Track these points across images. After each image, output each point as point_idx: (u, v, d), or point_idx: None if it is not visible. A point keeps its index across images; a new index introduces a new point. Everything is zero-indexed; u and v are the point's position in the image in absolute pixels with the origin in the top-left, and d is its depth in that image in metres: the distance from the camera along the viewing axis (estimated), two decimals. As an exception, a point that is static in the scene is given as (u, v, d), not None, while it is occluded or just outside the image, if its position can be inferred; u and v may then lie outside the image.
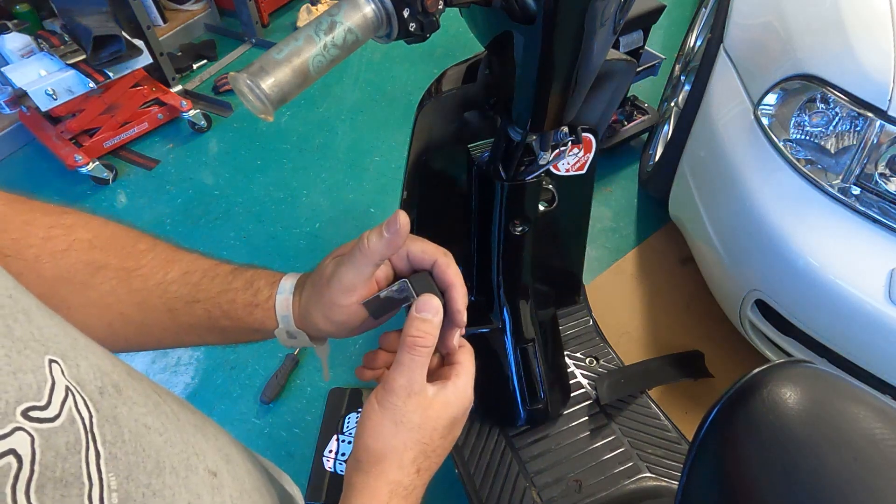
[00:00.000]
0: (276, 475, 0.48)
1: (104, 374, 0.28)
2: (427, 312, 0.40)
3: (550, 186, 0.93)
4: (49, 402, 0.23)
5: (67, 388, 0.24)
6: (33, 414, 0.22)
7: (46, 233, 0.41)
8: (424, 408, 0.39)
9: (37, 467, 0.21)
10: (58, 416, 0.23)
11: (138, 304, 0.42)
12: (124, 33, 1.93)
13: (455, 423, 0.41)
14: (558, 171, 0.97)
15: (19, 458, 0.21)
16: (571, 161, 0.96)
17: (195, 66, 2.59)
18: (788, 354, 1.21)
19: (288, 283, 0.44)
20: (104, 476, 0.25)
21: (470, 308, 0.45)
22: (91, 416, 0.25)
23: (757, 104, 1.21)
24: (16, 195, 0.42)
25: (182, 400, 0.38)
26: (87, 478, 0.24)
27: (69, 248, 0.41)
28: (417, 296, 0.42)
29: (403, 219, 0.40)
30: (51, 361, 0.24)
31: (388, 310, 0.44)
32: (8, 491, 0.20)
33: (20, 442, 0.21)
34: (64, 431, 0.23)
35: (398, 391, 0.39)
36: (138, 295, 0.42)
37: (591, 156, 0.97)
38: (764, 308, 1.22)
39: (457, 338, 0.44)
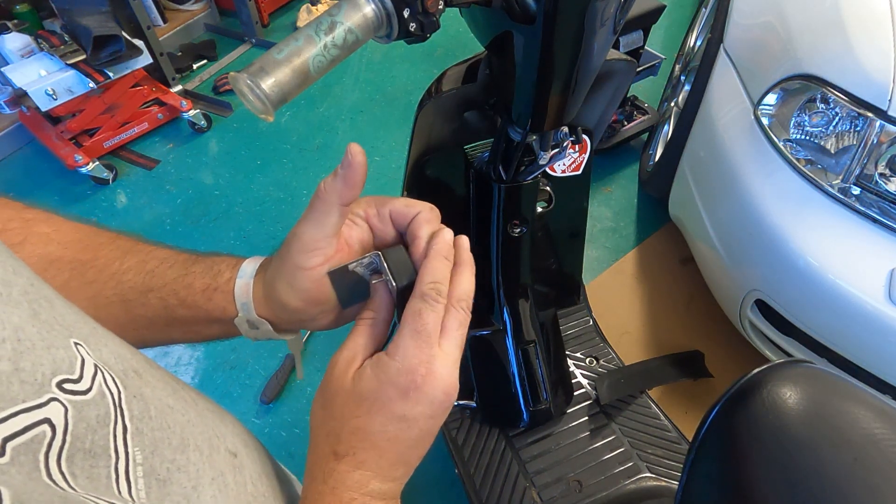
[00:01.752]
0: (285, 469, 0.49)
1: (124, 360, 0.29)
2: (376, 295, 0.38)
3: (548, 188, 0.94)
4: (81, 376, 0.24)
5: (96, 366, 0.25)
6: (68, 386, 0.23)
7: (3, 225, 0.39)
8: (342, 377, 0.35)
9: (68, 437, 0.22)
10: (89, 390, 0.24)
11: (91, 298, 0.40)
12: (124, 33, 1.93)
13: (371, 402, 0.34)
14: (554, 172, 0.97)
15: (53, 428, 0.22)
16: (567, 162, 0.96)
17: (195, 66, 2.59)
18: (788, 354, 1.21)
19: (249, 267, 0.40)
20: (130, 450, 0.25)
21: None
22: (120, 392, 0.26)
23: (757, 104, 1.21)
24: None
25: (197, 390, 0.38)
26: (114, 451, 0.24)
27: (24, 241, 0.40)
28: (391, 271, 0.37)
29: (356, 149, 0.35)
30: (76, 343, 0.25)
31: (358, 292, 0.39)
32: (41, 458, 0.21)
33: (55, 412, 0.22)
34: (95, 405, 0.24)
35: (333, 363, 0.36)
36: (91, 288, 0.40)
37: (586, 156, 0.97)
38: (764, 308, 1.22)
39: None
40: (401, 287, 0.37)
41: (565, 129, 0.77)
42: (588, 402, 1.19)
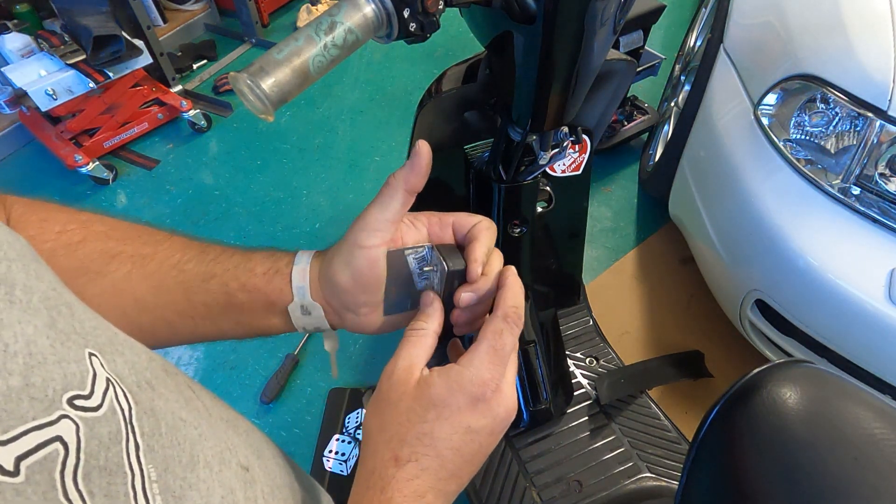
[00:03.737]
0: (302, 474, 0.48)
1: (138, 371, 0.28)
2: (429, 307, 0.40)
3: (548, 188, 0.94)
4: (92, 392, 0.24)
5: (108, 380, 0.25)
6: (78, 402, 0.23)
7: (62, 227, 0.41)
8: (404, 384, 0.36)
9: (82, 455, 0.22)
10: (100, 406, 0.24)
11: (153, 288, 0.41)
12: (124, 33, 1.93)
13: (440, 409, 0.35)
14: (554, 172, 0.97)
15: (66, 446, 0.21)
16: (567, 162, 0.96)
17: (195, 66, 2.58)
18: (788, 354, 1.21)
19: (305, 256, 0.42)
20: (144, 467, 0.25)
21: None
22: (130, 408, 0.26)
23: (757, 104, 1.21)
24: (36, 199, 0.43)
25: (214, 396, 0.38)
26: (128, 468, 0.24)
27: (84, 239, 0.41)
28: (443, 257, 0.40)
29: (424, 146, 0.39)
30: (90, 354, 0.25)
31: (403, 290, 0.41)
32: (57, 476, 0.21)
33: (66, 430, 0.22)
34: (107, 421, 0.24)
35: (390, 372, 0.37)
36: (153, 278, 0.41)
37: (586, 156, 0.97)
38: (764, 308, 1.22)
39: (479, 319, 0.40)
40: (451, 270, 0.39)
41: (565, 129, 0.76)
42: (588, 402, 1.19)
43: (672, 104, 1.87)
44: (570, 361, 1.27)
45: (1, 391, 0.20)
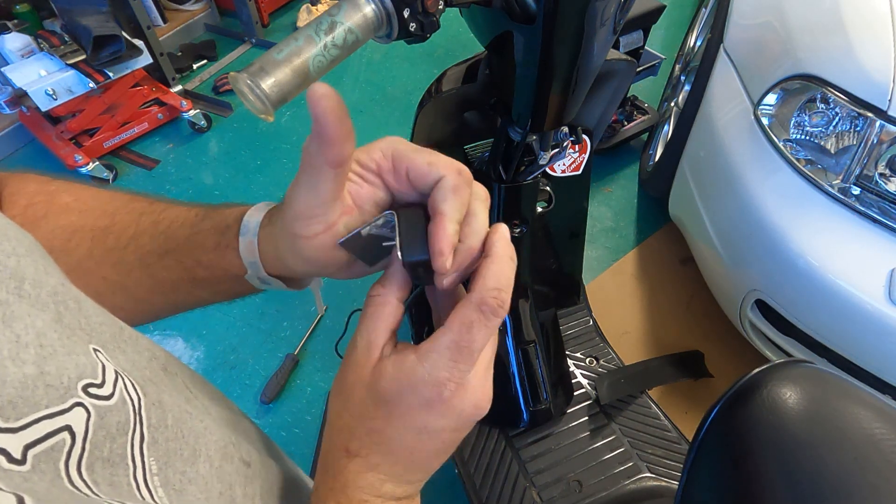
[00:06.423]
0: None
1: (139, 370, 0.28)
2: (390, 268, 0.34)
3: (548, 188, 0.94)
4: (104, 381, 0.24)
5: (116, 372, 0.25)
6: (92, 390, 0.23)
7: (29, 200, 0.38)
8: (361, 367, 0.32)
9: (87, 446, 0.22)
10: (112, 395, 0.24)
11: (115, 265, 0.38)
12: (124, 33, 1.93)
13: (391, 406, 0.30)
14: (554, 172, 0.97)
15: (73, 435, 0.21)
16: (567, 162, 0.96)
17: (195, 66, 2.58)
18: (788, 354, 1.21)
19: (252, 221, 0.35)
20: (146, 460, 0.25)
21: None
22: (140, 399, 0.26)
23: (757, 104, 1.21)
24: (13, 172, 0.40)
25: (215, 395, 0.38)
26: (131, 460, 0.24)
27: (47, 213, 0.38)
28: (400, 242, 0.31)
29: (321, 91, 0.26)
30: (94, 350, 0.25)
31: (381, 251, 0.34)
32: (62, 466, 0.21)
33: (76, 419, 0.22)
34: (117, 411, 0.24)
35: (352, 349, 0.33)
36: (113, 255, 0.38)
37: (586, 156, 0.97)
38: (764, 308, 1.22)
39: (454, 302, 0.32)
40: (407, 262, 0.31)
41: (565, 129, 0.77)
42: (588, 402, 1.19)
43: (672, 104, 1.87)
44: (570, 361, 1.27)
45: (17, 378, 0.20)
